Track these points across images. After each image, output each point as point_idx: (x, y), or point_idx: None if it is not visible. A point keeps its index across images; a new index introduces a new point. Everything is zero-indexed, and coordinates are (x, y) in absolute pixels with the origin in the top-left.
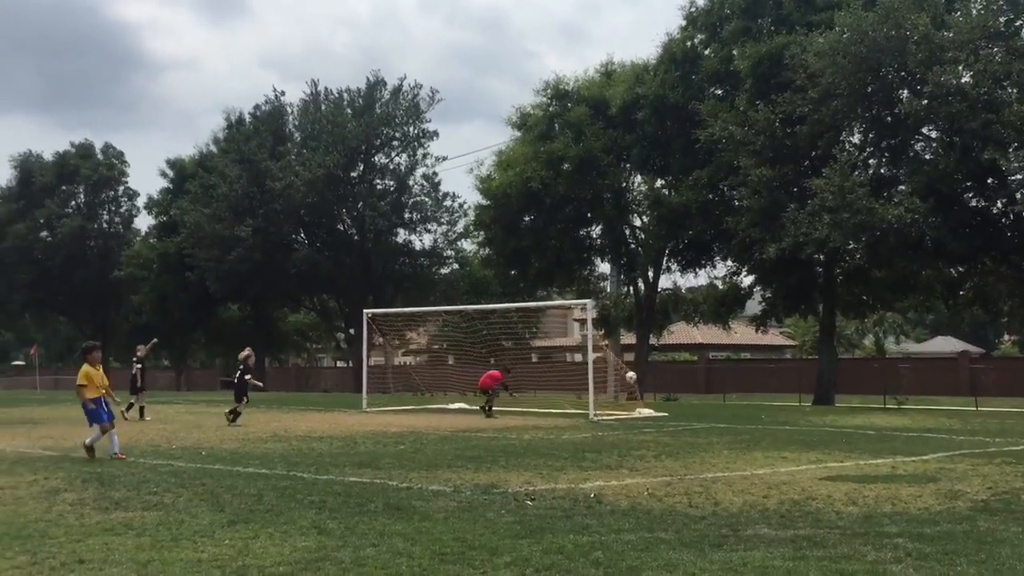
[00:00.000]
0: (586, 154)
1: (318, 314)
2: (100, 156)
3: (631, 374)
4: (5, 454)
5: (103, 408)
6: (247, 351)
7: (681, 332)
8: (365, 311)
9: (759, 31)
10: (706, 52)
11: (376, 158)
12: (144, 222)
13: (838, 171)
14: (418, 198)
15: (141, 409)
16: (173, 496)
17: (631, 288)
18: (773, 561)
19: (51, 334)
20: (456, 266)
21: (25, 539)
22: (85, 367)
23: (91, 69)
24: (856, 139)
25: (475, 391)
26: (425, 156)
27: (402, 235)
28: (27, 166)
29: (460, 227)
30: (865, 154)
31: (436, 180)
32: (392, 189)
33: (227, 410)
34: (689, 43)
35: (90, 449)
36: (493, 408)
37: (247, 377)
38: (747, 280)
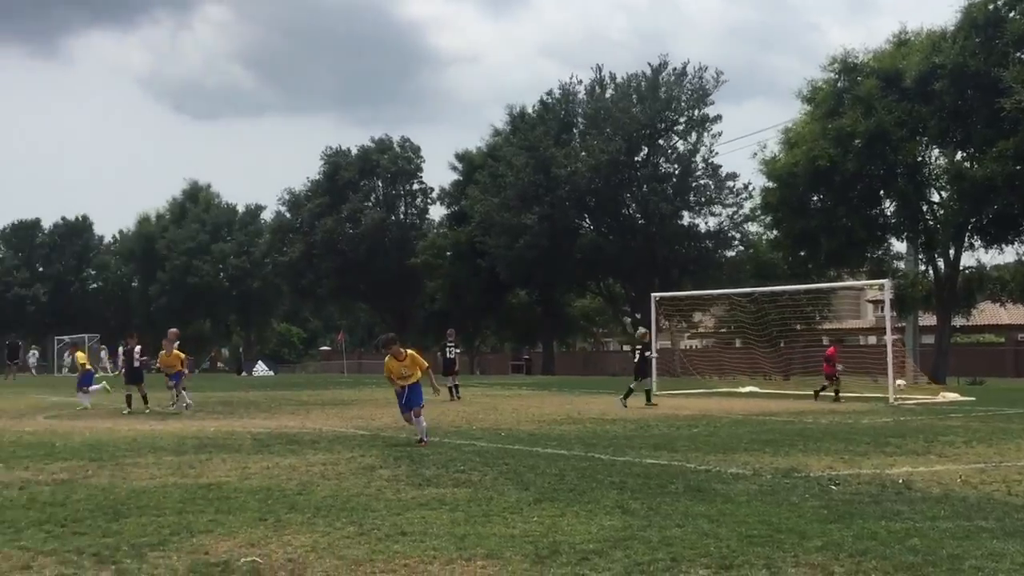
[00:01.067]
0: (877, 129)
1: (604, 299)
2: (397, 150)
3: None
4: (323, 433)
5: (409, 395)
6: (642, 330)
7: (986, 312)
8: (653, 295)
9: None
10: (1011, 15)
11: (660, 141)
12: (436, 212)
13: None
14: (701, 181)
15: (453, 389)
16: (479, 474)
17: (930, 267)
18: None
19: (354, 320)
20: (741, 248)
21: (350, 511)
22: (387, 359)
23: (382, 67)
24: None
25: (767, 375)
26: (708, 137)
27: (687, 218)
28: (334, 162)
29: (746, 209)
30: None
31: (716, 163)
32: (675, 172)
33: (627, 391)
34: (992, 6)
35: (420, 442)
36: (839, 392)
37: (647, 354)
38: None
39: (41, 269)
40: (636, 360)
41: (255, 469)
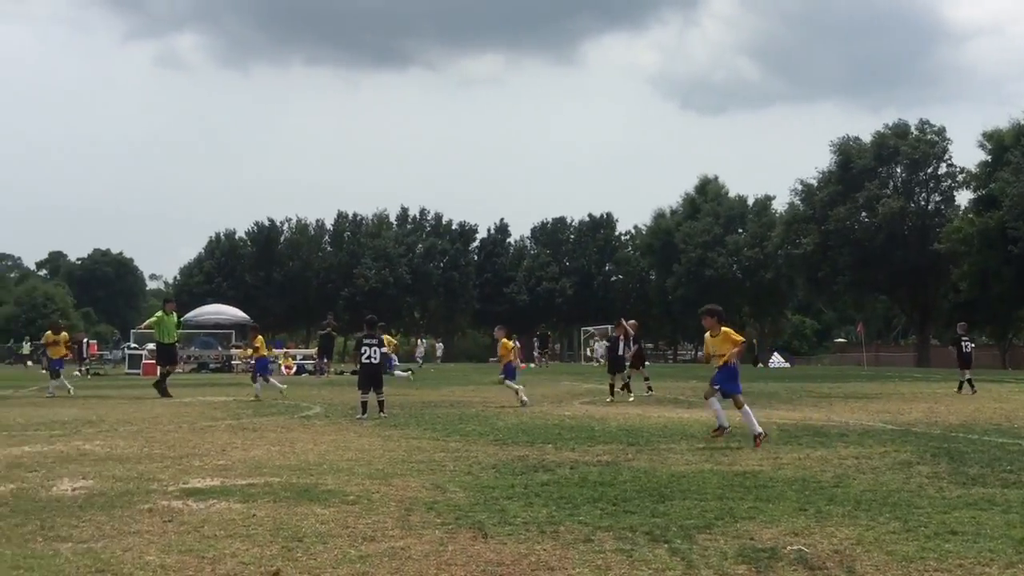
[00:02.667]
0: None
1: None
2: (916, 133)
3: None
4: (850, 426)
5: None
6: None
7: None
8: None
9: None
10: None
11: None
12: (963, 197)
13: None
14: None
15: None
16: None
17: None
18: None
19: (870, 312)
20: None
21: (892, 506)
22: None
23: (893, 47)
24: None
25: None
26: None
27: None
28: (845, 150)
29: None
30: None
31: None
32: None
33: None
34: None
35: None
36: None
37: None
38: None
39: (567, 263)
40: None
41: (787, 459)
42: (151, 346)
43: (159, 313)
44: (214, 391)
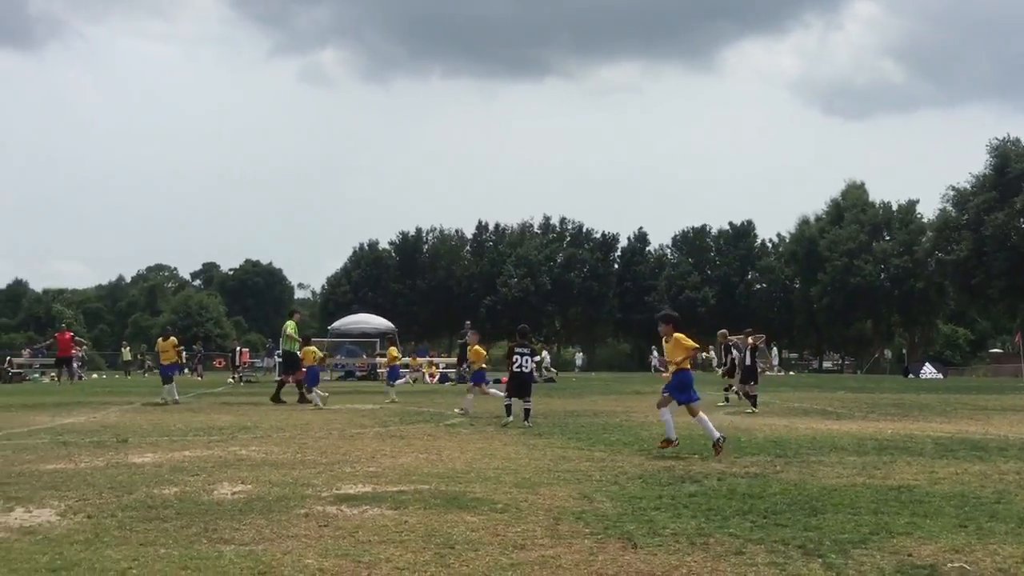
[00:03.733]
0: None
1: None
2: None
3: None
4: (1010, 440)
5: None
6: None
7: None
8: None
9: None
10: None
11: None
12: None
13: None
14: None
15: None
16: None
17: None
18: None
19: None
20: None
21: None
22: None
23: None
24: None
25: None
26: None
27: None
28: (1003, 152)
29: None
30: None
31: None
32: None
33: None
34: None
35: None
36: None
37: None
38: None
39: (709, 272)
40: None
41: (943, 474)
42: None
43: (290, 322)
44: (361, 399)
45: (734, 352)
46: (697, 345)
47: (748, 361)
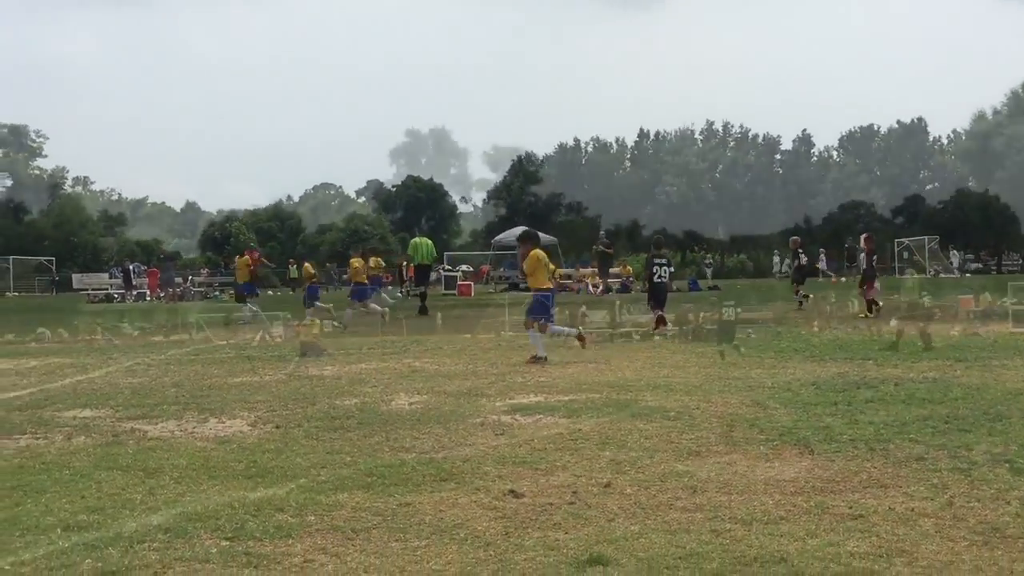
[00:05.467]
0: None
1: None
2: None
3: None
4: None
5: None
6: None
7: None
8: None
9: None
10: None
11: None
12: None
13: None
14: None
15: None
16: None
17: None
18: None
19: None
20: None
21: None
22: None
23: None
24: None
25: None
26: None
27: None
28: None
29: None
30: None
31: None
32: None
33: None
34: None
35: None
36: None
37: None
38: None
39: (878, 173)
40: None
41: None
42: (465, 267)
43: (414, 240)
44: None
45: (801, 258)
46: (553, 265)
47: (865, 265)
